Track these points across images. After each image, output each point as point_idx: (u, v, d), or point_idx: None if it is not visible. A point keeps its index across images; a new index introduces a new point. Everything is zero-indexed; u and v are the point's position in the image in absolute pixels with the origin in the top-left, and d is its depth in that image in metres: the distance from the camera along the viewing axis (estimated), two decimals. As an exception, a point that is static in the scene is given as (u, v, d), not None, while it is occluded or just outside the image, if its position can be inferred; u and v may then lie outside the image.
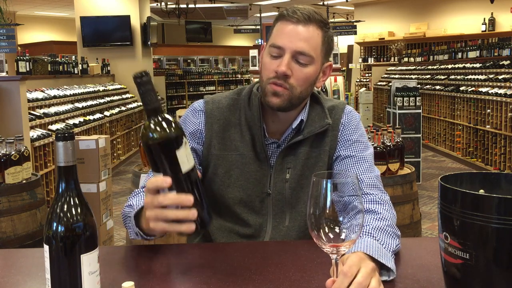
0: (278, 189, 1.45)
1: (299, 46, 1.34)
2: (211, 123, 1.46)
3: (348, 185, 0.89)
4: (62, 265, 0.87)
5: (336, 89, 4.94)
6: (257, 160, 1.45)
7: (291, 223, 1.46)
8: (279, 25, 1.39)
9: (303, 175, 1.46)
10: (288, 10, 1.38)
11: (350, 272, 0.93)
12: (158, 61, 14.67)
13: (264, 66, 1.40)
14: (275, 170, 1.45)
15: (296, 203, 1.46)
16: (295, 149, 1.46)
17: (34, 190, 3.03)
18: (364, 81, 14.11)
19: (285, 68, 1.33)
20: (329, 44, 1.41)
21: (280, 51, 1.36)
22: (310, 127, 1.45)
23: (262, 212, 1.46)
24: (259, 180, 1.45)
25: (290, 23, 1.36)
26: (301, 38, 1.35)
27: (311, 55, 1.36)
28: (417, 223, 3.06)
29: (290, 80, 1.35)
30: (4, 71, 4.87)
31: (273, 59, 1.37)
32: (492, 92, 6.46)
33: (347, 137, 1.48)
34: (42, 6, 13.28)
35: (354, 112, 1.54)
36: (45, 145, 5.08)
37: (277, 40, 1.36)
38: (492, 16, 11.07)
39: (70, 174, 0.89)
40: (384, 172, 3.07)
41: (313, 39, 1.36)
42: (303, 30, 1.35)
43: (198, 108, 1.49)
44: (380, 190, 1.39)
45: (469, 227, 0.87)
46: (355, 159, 1.45)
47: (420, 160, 6.11)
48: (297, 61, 1.35)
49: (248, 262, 1.19)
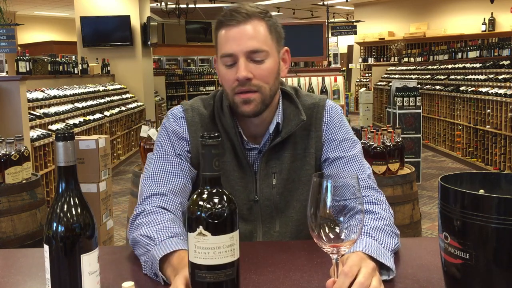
0: (265, 195, 1.42)
1: (249, 45, 1.31)
2: (194, 130, 1.42)
3: (348, 185, 0.89)
4: (62, 265, 0.87)
5: (336, 89, 4.94)
6: (240, 167, 1.41)
7: (283, 229, 1.44)
8: (221, 33, 1.34)
9: (289, 179, 1.43)
10: (225, 16, 1.34)
11: (351, 272, 0.93)
12: (158, 61, 14.66)
13: (223, 78, 1.36)
14: (260, 176, 1.42)
15: (286, 208, 1.44)
16: (279, 153, 1.43)
17: (34, 190, 3.03)
18: (364, 81, 14.12)
19: (245, 73, 1.30)
20: (277, 31, 1.38)
21: (233, 58, 1.32)
22: (287, 126, 1.41)
23: (251, 218, 1.43)
24: (244, 187, 1.42)
25: (232, 27, 1.32)
26: (248, 37, 1.31)
27: (264, 49, 1.32)
28: (417, 223, 3.06)
29: (254, 82, 1.32)
30: (4, 71, 4.87)
31: (229, 68, 1.33)
32: (492, 92, 6.46)
33: (332, 136, 1.45)
34: (42, 6, 13.28)
35: (335, 108, 1.49)
36: (45, 145, 5.08)
37: (225, 48, 1.32)
38: (492, 16, 11.07)
39: (70, 174, 0.89)
40: (384, 172, 3.07)
41: (260, 33, 1.32)
42: (246, 28, 1.31)
43: (178, 115, 1.44)
44: (374, 190, 1.37)
45: (469, 227, 0.87)
46: (345, 160, 1.42)
47: (420, 160, 6.11)
48: (253, 60, 1.32)
49: (248, 262, 1.18)
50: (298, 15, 15.57)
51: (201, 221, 0.87)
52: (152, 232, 1.20)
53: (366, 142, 3.11)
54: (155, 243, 1.16)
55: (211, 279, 0.88)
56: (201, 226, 0.87)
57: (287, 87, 1.49)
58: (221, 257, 0.87)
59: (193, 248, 0.88)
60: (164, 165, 1.38)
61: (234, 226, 0.89)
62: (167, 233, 1.19)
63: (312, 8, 14.93)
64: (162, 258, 1.10)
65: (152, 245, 1.16)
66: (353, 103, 14.35)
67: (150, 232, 1.20)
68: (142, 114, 9.31)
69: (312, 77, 4.98)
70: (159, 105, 11.09)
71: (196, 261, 0.88)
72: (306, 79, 4.95)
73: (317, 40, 5.03)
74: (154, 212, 1.27)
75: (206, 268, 0.87)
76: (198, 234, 0.87)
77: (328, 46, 7.98)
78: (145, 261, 1.16)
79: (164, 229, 1.20)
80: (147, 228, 1.22)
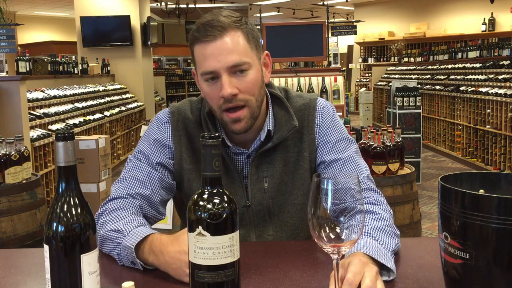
0: (257, 200, 1.40)
1: (229, 60, 1.25)
2: (179, 136, 1.40)
3: (349, 184, 0.89)
4: (62, 265, 0.87)
5: (336, 89, 4.94)
6: (227, 173, 1.38)
7: (278, 233, 1.43)
8: (198, 49, 1.29)
9: (282, 182, 1.41)
10: (199, 30, 1.27)
11: (355, 282, 0.95)
12: (158, 61, 14.66)
13: (207, 95, 1.32)
14: (251, 180, 1.39)
15: (279, 212, 1.42)
16: (270, 157, 1.39)
17: (34, 190, 3.03)
18: (364, 81, 14.13)
19: (230, 89, 1.25)
20: (254, 37, 1.32)
21: (214, 74, 1.27)
22: (278, 132, 1.38)
23: (243, 223, 1.41)
24: (234, 193, 1.39)
25: (208, 43, 1.26)
26: (227, 52, 1.25)
27: (245, 61, 1.27)
28: (417, 223, 3.06)
29: (240, 96, 1.28)
30: (4, 71, 4.87)
31: (211, 84, 1.29)
32: (492, 92, 6.46)
33: (326, 138, 1.41)
34: (42, 6, 13.28)
35: (326, 107, 1.44)
36: (45, 145, 5.08)
37: (205, 66, 1.27)
38: (492, 16, 11.07)
39: (70, 174, 0.89)
40: (384, 172, 3.07)
41: (239, 45, 1.27)
42: (223, 42, 1.25)
43: (163, 120, 1.42)
44: (373, 190, 1.36)
45: (469, 227, 0.87)
46: (341, 162, 1.39)
47: (420, 160, 6.11)
48: (235, 73, 1.27)
49: (248, 262, 1.18)
50: (298, 15, 15.58)
51: (201, 221, 0.87)
52: (119, 225, 1.23)
53: (366, 142, 3.11)
54: (124, 234, 1.20)
55: (211, 280, 0.88)
56: (201, 226, 0.87)
57: (275, 89, 1.44)
58: (220, 258, 0.87)
59: (193, 248, 0.88)
60: (133, 173, 1.39)
61: (235, 226, 0.89)
62: (134, 223, 1.23)
63: (312, 8, 14.94)
64: (136, 246, 1.15)
65: (121, 237, 1.20)
66: (353, 103, 14.36)
67: (117, 226, 1.23)
68: (142, 114, 9.31)
69: (312, 77, 4.98)
70: (159, 105, 11.10)
71: (196, 261, 0.88)
72: (306, 79, 4.95)
73: (317, 40, 5.03)
74: (116, 209, 1.30)
75: (205, 268, 0.87)
76: (198, 234, 0.87)
77: (328, 46, 7.98)
78: (119, 254, 1.20)
79: (130, 222, 1.24)
80: (113, 224, 1.25)
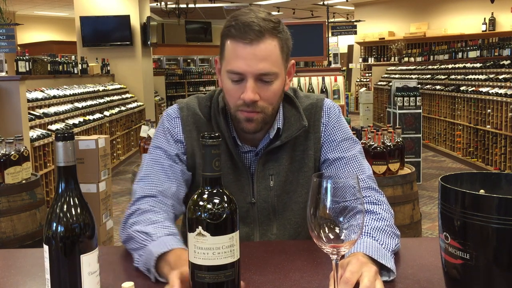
0: (262, 197, 1.41)
1: (260, 68, 1.24)
2: (189, 130, 1.40)
3: (349, 185, 0.89)
4: (62, 265, 0.87)
5: (336, 89, 4.94)
6: (235, 170, 1.40)
7: (281, 231, 1.43)
8: (230, 45, 1.27)
9: (287, 180, 1.42)
10: (238, 26, 1.24)
11: (352, 280, 0.94)
12: (158, 61, 14.66)
13: (228, 93, 1.32)
14: (257, 178, 1.40)
15: (283, 211, 1.43)
16: (276, 155, 1.40)
17: (33, 190, 3.03)
18: (364, 81, 14.12)
19: (252, 96, 1.26)
20: (288, 46, 1.32)
21: (240, 76, 1.27)
22: (288, 131, 1.39)
23: (247, 221, 1.42)
24: (240, 190, 1.40)
25: (243, 45, 1.24)
26: (260, 59, 1.24)
27: (274, 71, 1.27)
28: (417, 223, 3.06)
29: (259, 103, 1.28)
30: (4, 71, 4.87)
31: (235, 84, 1.28)
32: (492, 92, 6.45)
33: (331, 137, 1.42)
34: (42, 6, 13.28)
35: (333, 107, 1.46)
36: (45, 145, 5.07)
37: (234, 65, 1.26)
38: (493, 16, 11.07)
39: (70, 174, 0.89)
40: (384, 172, 3.07)
41: (272, 54, 1.26)
42: (259, 49, 1.24)
43: (173, 115, 1.42)
44: (375, 190, 1.36)
45: (469, 227, 0.87)
46: (345, 161, 1.40)
47: (420, 160, 6.11)
48: (261, 80, 1.27)
49: (248, 262, 1.18)
50: (298, 15, 15.58)
51: (201, 221, 0.87)
52: (149, 228, 1.19)
53: (366, 142, 3.11)
54: (152, 238, 1.16)
55: (211, 280, 0.88)
56: (201, 226, 0.87)
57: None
58: (220, 258, 0.87)
59: (193, 248, 0.88)
60: (157, 168, 1.37)
61: (234, 227, 0.89)
62: (165, 231, 1.19)
63: (312, 8, 14.93)
64: (160, 255, 1.09)
65: (149, 241, 1.15)
66: (353, 103, 14.35)
67: (146, 229, 1.19)
68: (142, 114, 9.30)
69: (312, 77, 4.98)
70: (159, 105, 11.09)
71: (195, 261, 0.88)
72: (306, 79, 4.95)
73: (317, 40, 5.03)
74: (148, 211, 1.27)
75: (205, 268, 0.87)
76: (198, 234, 0.87)
77: (328, 46, 7.98)
78: (140, 255, 1.15)
79: (161, 227, 1.20)
80: (143, 225, 1.21)
